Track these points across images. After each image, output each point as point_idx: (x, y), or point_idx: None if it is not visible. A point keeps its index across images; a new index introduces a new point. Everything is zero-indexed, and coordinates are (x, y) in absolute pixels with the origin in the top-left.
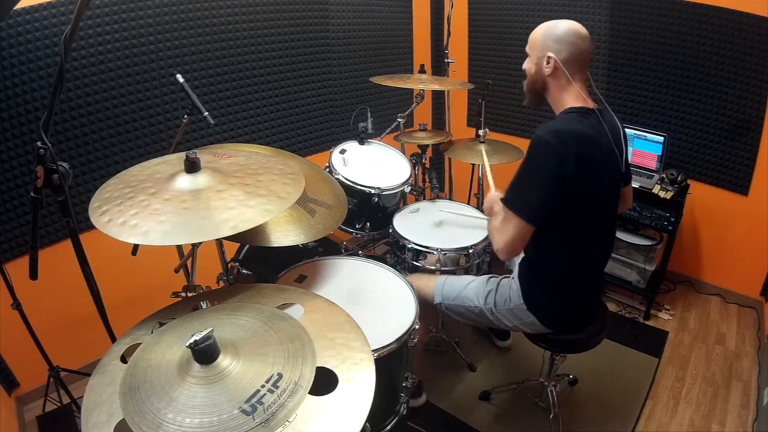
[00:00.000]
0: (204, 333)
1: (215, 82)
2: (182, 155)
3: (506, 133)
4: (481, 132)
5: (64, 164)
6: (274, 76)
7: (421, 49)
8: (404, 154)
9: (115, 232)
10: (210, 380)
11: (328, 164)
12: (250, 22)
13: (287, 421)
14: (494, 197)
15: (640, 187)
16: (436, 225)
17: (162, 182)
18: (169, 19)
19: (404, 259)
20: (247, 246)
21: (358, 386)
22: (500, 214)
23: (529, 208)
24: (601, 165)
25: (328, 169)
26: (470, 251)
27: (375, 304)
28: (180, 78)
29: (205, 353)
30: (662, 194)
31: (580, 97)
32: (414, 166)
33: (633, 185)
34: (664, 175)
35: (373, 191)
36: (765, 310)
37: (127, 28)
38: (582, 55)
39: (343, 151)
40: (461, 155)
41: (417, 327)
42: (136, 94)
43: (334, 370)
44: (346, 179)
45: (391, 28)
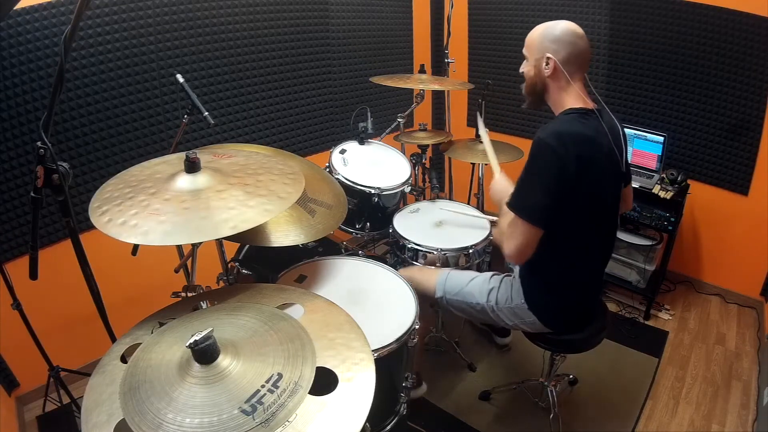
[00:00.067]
0: (204, 333)
1: (215, 82)
2: (182, 155)
3: (506, 133)
4: (481, 132)
5: (64, 164)
6: (274, 76)
7: (421, 49)
8: (404, 154)
9: (115, 232)
10: (210, 380)
11: (328, 164)
12: (250, 22)
13: (287, 421)
14: (500, 185)
15: (640, 187)
16: (436, 225)
17: (162, 182)
18: (169, 19)
19: (404, 259)
20: (247, 246)
21: (358, 386)
22: (507, 216)
23: (535, 212)
24: (601, 165)
25: (328, 169)
26: (470, 251)
27: (375, 304)
28: (180, 78)
29: (205, 353)
30: (662, 194)
31: (580, 98)
32: (414, 166)
33: (633, 185)
34: (664, 175)
35: (373, 191)
36: (765, 310)
37: (127, 28)
38: (581, 54)
39: (343, 151)
40: (461, 155)
41: (417, 327)
42: (136, 94)
43: (334, 370)
44: (346, 179)
45: (391, 28)
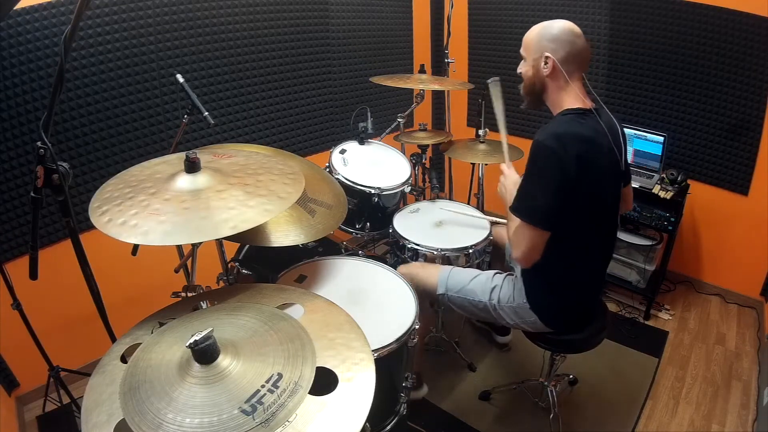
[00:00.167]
0: (204, 333)
1: (215, 82)
2: (182, 155)
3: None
4: (481, 132)
5: (64, 164)
6: (274, 76)
7: (421, 49)
8: (404, 154)
9: (115, 232)
10: (210, 380)
11: (328, 164)
12: (250, 22)
13: (287, 421)
14: (510, 182)
15: (640, 187)
16: (436, 225)
17: (162, 182)
18: (169, 19)
19: (404, 259)
20: (247, 246)
21: (358, 386)
22: (514, 221)
23: (539, 214)
24: (601, 166)
25: (328, 169)
26: (470, 251)
27: (375, 304)
28: (180, 78)
29: (205, 353)
30: (662, 194)
31: (578, 98)
32: (414, 166)
33: (633, 185)
34: (664, 175)
35: (373, 191)
36: (765, 310)
37: (127, 28)
38: (579, 53)
39: (343, 151)
40: (461, 155)
41: (417, 327)
42: (136, 94)
43: (334, 370)
44: (346, 179)
45: (391, 28)
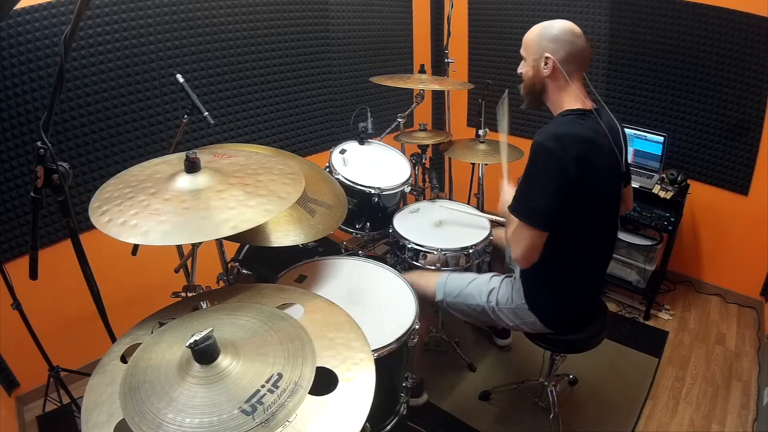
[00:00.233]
0: (204, 333)
1: (215, 82)
2: (182, 155)
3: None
4: (481, 132)
5: (64, 164)
6: (274, 76)
7: (421, 49)
8: (404, 154)
9: (115, 232)
10: (210, 380)
11: (328, 164)
12: (250, 22)
13: (287, 421)
14: (508, 197)
15: (640, 187)
16: (436, 225)
17: (162, 182)
18: (169, 19)
19: (404, 259)
20: (247, 246)
21: (358, 386)
22: (513, 222)
23: (538, 215)
24: (601, 166)
25: (328, 169)
26: (470, 251)
27: (375, 304)
28: (180, 78)
29: (205, 353)
30: (662, 194)
31: (578, 98)
32: (414, 166)
33: (633, 185)
34: (664, 175)
35: (373, 191)
36: (765, 310)
37: (127, 28)
38: (579, 53)
39: (343, 151)
40: (461, 155)
41: (417, 327)
42: (136, 94)
43: (334, 370)
44: (346, 179)
45: (391, 28)
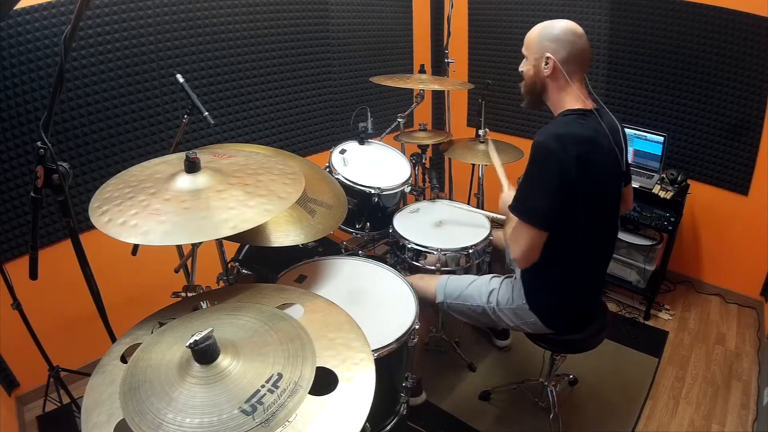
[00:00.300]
0: (204, 333)
1: (215, 82)
2: (182, 155)
3: (506, 133)
4: (481, 132)
5: (64, 164)
6: (274, 76)
7: (421, 49)
8: (404, 154)
9: (115, 232)
10: (210, 380)
11: (328, 164)
12: (250, 22)
13: (287, 421)
14: (508, 198)
15: (640, 187)
16: (436, 225)
17: (162, 182)
18: (169, 19)
19: (404, 259)
20: (247, 246)
21: (358, 386)
22: (512, 221)
23: (538, 215)
24: (601, 166)
25: (328, 169)
26: (470, 251)
27: (375, 304)
28: (180, 78)
29: (205, 353)
30: (662, 194)
31: (579, 98)
32: (414, 166)
33: (633, 185)
34: (664, 175)
35: (373, 191)
36: (765, 310)
37: (127, 28)
38: (580, 54)
39: (343, 151)
40: (461, 155)
41: (417, 327)
42: (136, 94)
43: (334, 370)
44: (346, 179)
45: (391, 28)
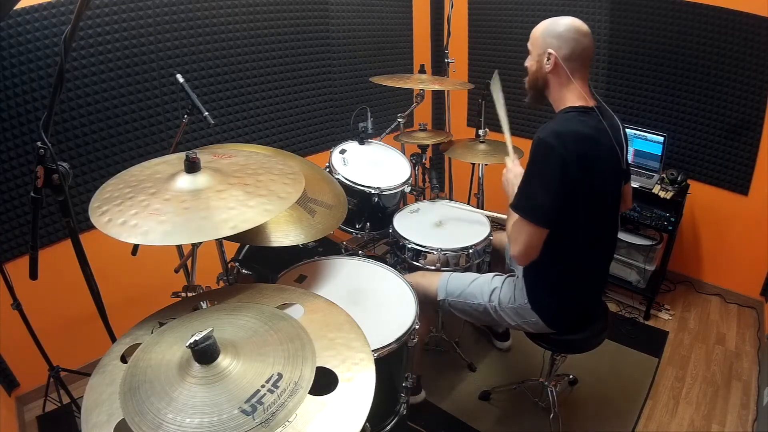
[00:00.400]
0: (204, 333)
1: (215, 82)
2: (182, 155)
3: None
4: (481, 132)
5: (64, 164)
6: (274, 76)
7: (421, 49)
8: (404, 154)
9: (115, 232)
10: (210, 380)
11: (328, 164)
12: (250, 22)
13: (287, 421)
14: (513, 176)
15: (640, 187)
16: (436, 225)
17: (162, 182)
18: (169, 19)
19: (404, 259)
20: (247, 246)
21: (358, 386)
22: (513, 218)
23: (539, 212)
24: (601, 164)
25: (328, 169)
26: (470, 251)
27: (375, 304)
28: (180, 78)
29: (205, 353)
30: (662, 194)
31: (581, 96)
32: (414, 166)
33: (633, 185)
34: (664, 175)
35: (373, 191)
36: (765, 310)
37: (127, 28)
38: (583, 52)
39: (343, 151)
40: (461, 155)
41: (417, 327)
42: (136, 94)
43: (334, 370)
44: (346, 179)
45: (391, 28)
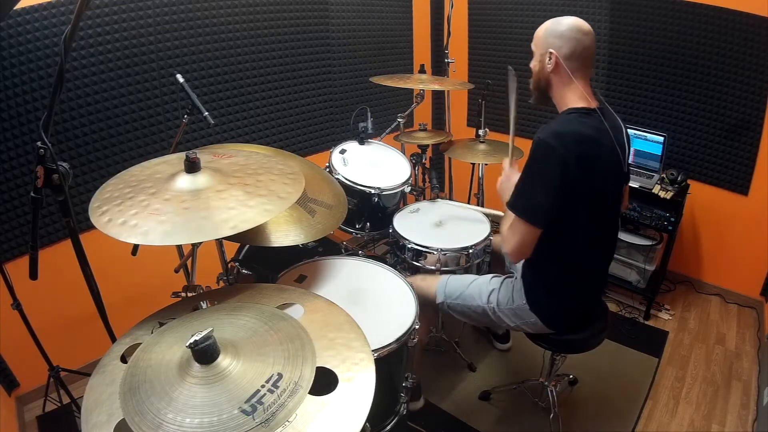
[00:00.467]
0: (204, 333)
1: (215, 82)
2: (182, 155)
3: (506, 132)
4: (481, 132)
5: (64, 164)
6: (274, 76)
7: (421, 49)
8: (404, 154)
9: (115, 232)
10: (210, 380)
11: (328, 164)
12: (250, 22)
13: (287, 421)
14: (507, 181)
15: (640, 187)
16: (436, 225)
17: (162, 182)
18: (169, 19)
19: (404, 259)
20: (247, 246)
21: (358, 386)
22: (510, 216)
23: (535, 212)
24: (602, 165)
25: (328, 169)
26: (470, 251)
27: (375, 304)
28: (180, 78)
29: (205, 353)
30: (662, 194)
31: (583, 97)
32: (414, 166)
33: (633, 185)
34: (664, 175)
35: (373, 191)
36: (765, 310)
37: (127, 28)
38: (584, 51)
39: (343, 151)
40: (461, 155)
41: (417, 327)
42: (136, 94)
43: (334, 370)
44: (346, 179)
45: (391, 28)
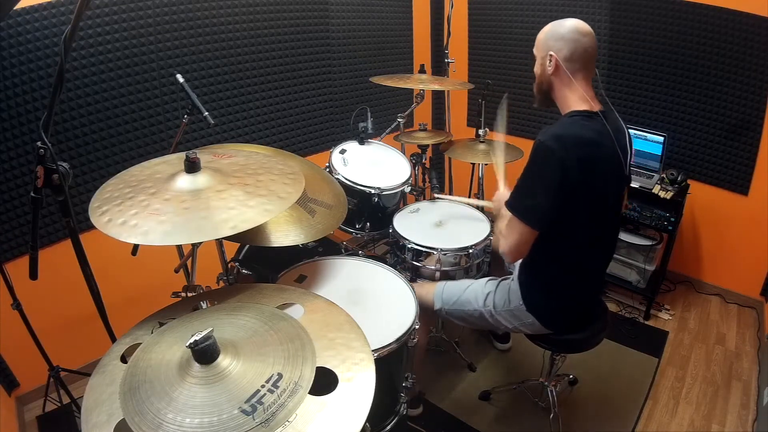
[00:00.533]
0: (204, 333)
1: (215, 82)
2: (182, 155)
3: (507, 133)
4: (481, 132)
5: (64, 164)
6: (274, 76)
7: (421, 49)
8: (404, 154)
9: (115, 232)
10: (210, 380)
11: (328, 164)
12: (250, 22)
13: (287, 421)
14: (503, 197)
15: (640, 187)
16: (436, 225)
17: (162, 182)
18: (169, 19)
19: (404, 259)
20: (247, 246)
21: (358, 386)
22: (506, 217)
23: (533, 214)
24: (603, 168)
25: (328, 169)
26: (470, 251)
27: (375, 304)
28: (180, 78)
29: (205, 353)
30: (662, 194)
31: (584, 99)
32: (414, 166)
33: (633, 185)
34: (664, 175)
35: (373, 191)
36: (765, 310)
37: (127, 28)
38: (584, 52)
39: (343, 151)
40: (461, 155)
41: (417, 327)
42: (136, 94)
43: (334, 370)
44: (346, 179)
45: (391, 28)
